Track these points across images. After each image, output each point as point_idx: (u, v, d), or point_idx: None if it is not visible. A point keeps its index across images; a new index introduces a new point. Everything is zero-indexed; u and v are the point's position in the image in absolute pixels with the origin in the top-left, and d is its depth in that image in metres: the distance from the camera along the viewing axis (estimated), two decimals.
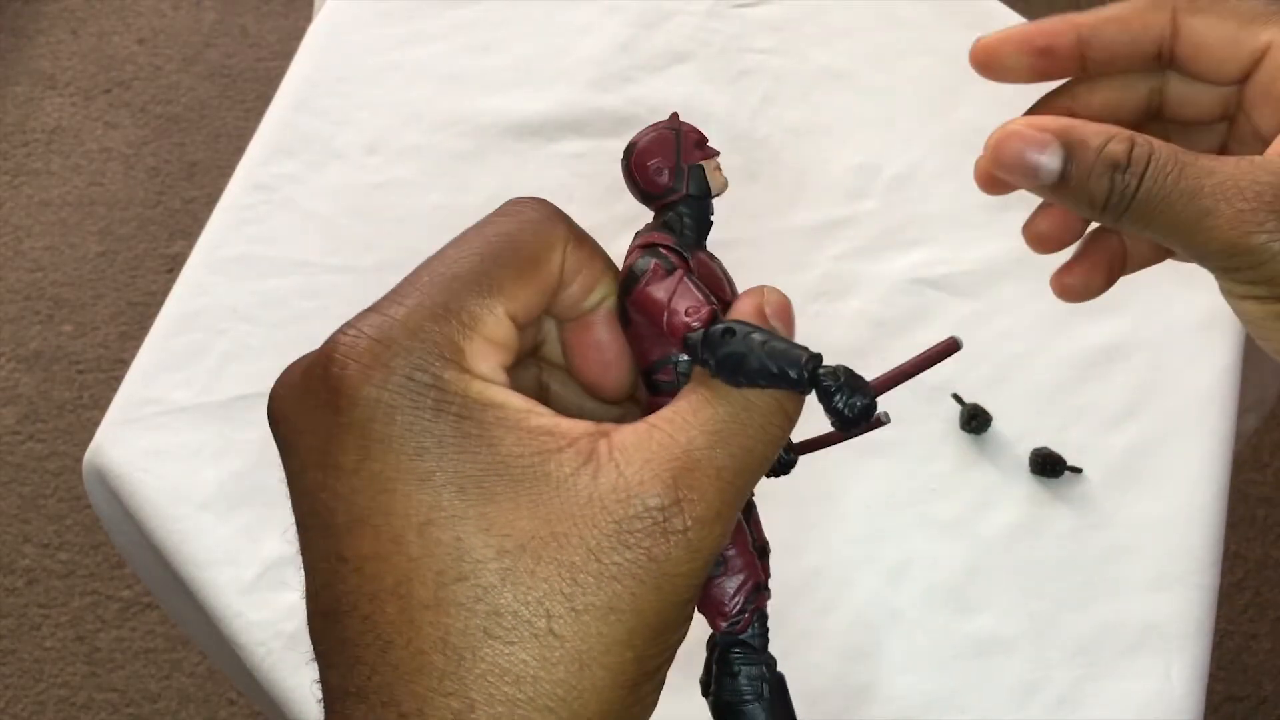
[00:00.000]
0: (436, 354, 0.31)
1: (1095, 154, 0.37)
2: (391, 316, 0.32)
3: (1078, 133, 0.38)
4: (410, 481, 0.30)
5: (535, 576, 0.29)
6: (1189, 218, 0.37)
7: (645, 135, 0.36)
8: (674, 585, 0.30)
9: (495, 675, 0.29)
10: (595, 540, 0.30)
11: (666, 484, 0.30)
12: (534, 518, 0.30)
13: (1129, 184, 0.37)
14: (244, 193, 0.96)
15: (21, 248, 1.80)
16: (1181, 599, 0.80)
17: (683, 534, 0.30)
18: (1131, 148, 0.37)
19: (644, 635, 0.30)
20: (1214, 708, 1.46)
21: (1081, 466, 0.83)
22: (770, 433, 0.32)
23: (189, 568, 0.80)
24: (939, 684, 0.76)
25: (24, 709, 1.48)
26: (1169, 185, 0.37)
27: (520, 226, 0.34)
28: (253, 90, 1.96)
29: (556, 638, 0.29)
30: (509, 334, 0.33)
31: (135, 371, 0.88)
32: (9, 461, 1.63)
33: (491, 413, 0.31)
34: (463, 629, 0.29)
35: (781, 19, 1.06)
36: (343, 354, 0.32)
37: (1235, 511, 0.93)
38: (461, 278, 0.33)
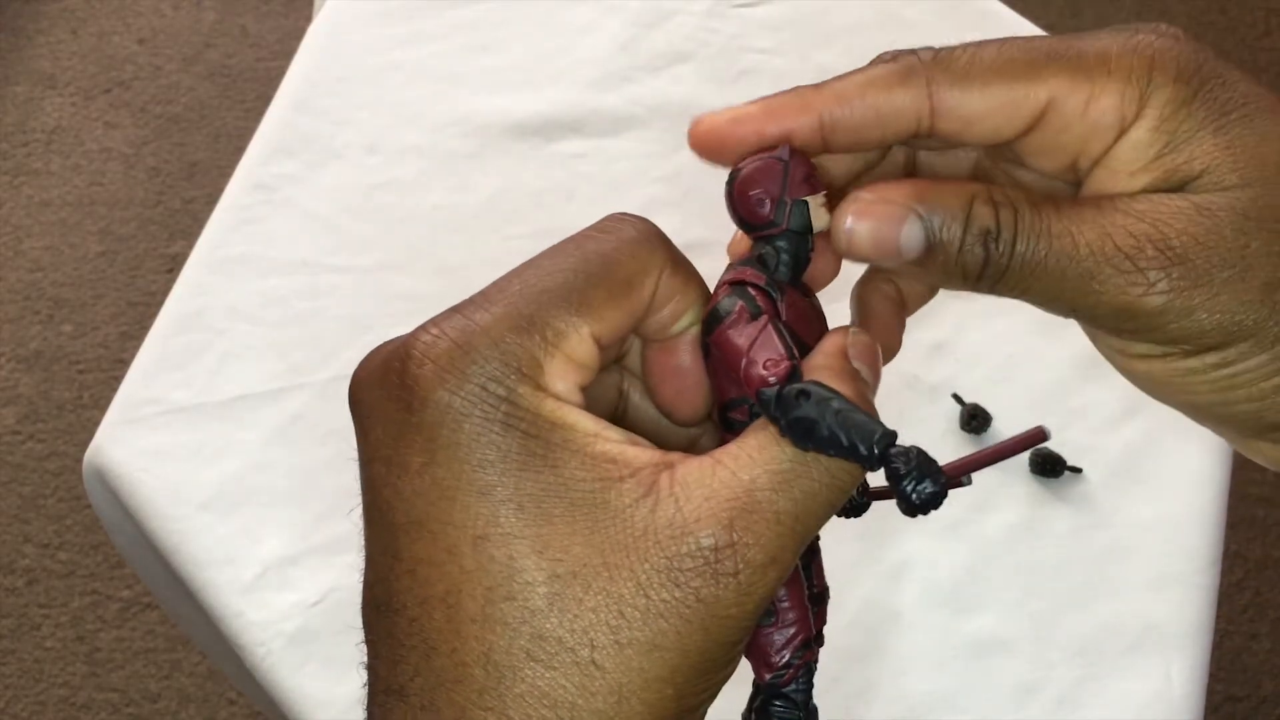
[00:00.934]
0: (514, 367, 0.31)
1: (961, 221, 0.33)
2: (475, 322, 0.31)
3: (933, 198, 0.33)
4: (471, 492, 0.30)
5: (583, 605, 0.29)
6: (1071, 283, 0.33)
7: (752, 162, 0.35)
8: (721, 627, 0.30)
9: (534, 697, 0.29)
10: (645, 575, 0.29)
11: (723, 524, 0.30)
12: (588, 545, 0.30)
13: (1004, 252, 0.33)
14: (244, 193, 0.96)
15: (21, 248, 1.80)
16: (1181, 599, 0.80)
17: (734, 576, 0.29)
18: (997, 210, 0.33)
19: (686, 673, 0.30)
20: (1214, 708, 1.46)
21: (1081, 466, 0.83)
22: (838, 479, 0.31)
23: (189, 568, 0.80)
24: (939, 684, 0.76)
25: (24, 709, 1.48)
26: (1043, 249, 0.33)
27: (619, 246, 0.34)
28: (253, 90, 1.96)
29: (598, 668, 0.29)
30: (591, 354, 0.32)
31: (135, 371, 0.88)
32: (9, 461, 1.63)
33: (560, 434, 0.31)
34: (506, 648, 0.29)
35: (781, 19, 1.06)
36: (421, 352, 0.31)
37: (1235, 511, 0.93)
38: (551, 292, 0.32)
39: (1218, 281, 0.32)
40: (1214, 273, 0.32)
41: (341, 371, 0.87)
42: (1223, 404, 0.34)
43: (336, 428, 0.86)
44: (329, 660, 0.76)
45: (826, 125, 0.35)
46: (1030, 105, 0.34)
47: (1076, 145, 0.34)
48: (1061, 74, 0.33)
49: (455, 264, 0.93)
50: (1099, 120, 0.33)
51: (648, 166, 0.98)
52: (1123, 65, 0.33)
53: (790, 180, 0.34)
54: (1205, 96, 0.33)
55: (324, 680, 0.76)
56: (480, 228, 0.95)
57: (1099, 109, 0.33)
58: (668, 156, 0.98)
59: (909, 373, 0.87)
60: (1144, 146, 0.33)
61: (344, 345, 0.88)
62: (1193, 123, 0.33)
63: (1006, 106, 0.34)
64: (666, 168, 0.98)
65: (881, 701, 0.75)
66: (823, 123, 0.35)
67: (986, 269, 0.33)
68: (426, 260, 0.93)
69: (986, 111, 0.34)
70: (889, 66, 0.35)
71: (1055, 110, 0.34)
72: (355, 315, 0.90)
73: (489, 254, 0.93)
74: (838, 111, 0.35)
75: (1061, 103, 0.33)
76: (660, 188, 0.97)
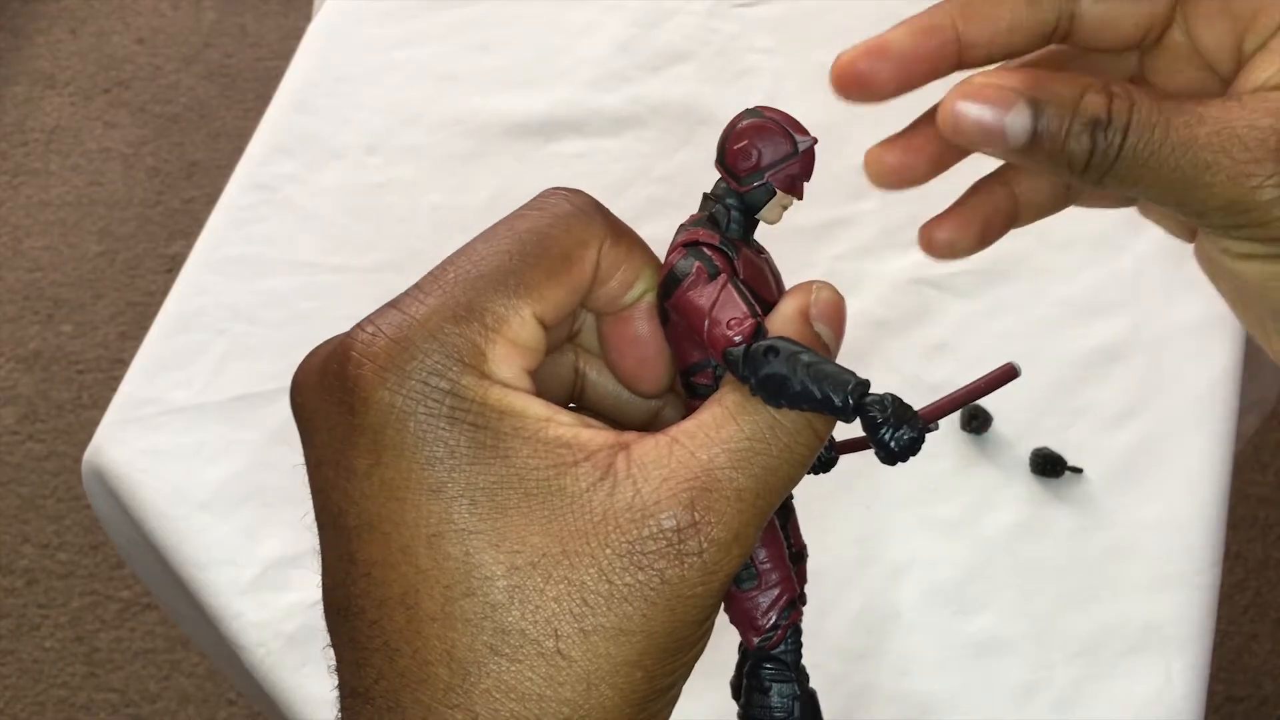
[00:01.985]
0: (456, 358, 0.30)
1: (1070, 110, 0.33)
2: (411, 316, 0.31)
3: (1046, 87, 0.33)
4: (421, 492, 0.29)
5: (544, 595, 0.29)
6: (1184, 174, 0.33)
7: (772, 119, 0.34)
8: (688, 607, 0.29)
9: (500, 692, 0.29)
10: (607, 560, 0.29)
11: (684, 504, 0.29)
12: (546, 534, 0.29)
13: (1112, 142, 0.33)
14: (243, 193, 0.96)
15: (21, 248, 1.80)
16: (1182, 599, 0.79)
17: (698, 556, 0.29)
18: (1110, 100, 0.33)
19: (655, 656, 0.29)
20: (1215, 708, 1.46)
21: (1082, 466, 0.83)
22: (796, 453, 0.31)
23: (188, 568, 0.80)
24: (939, 685, 0.76)
25: (24, 709, 1.48)
26: (1157, 140, 0.33)
27: (553, 222, 0.33)
28: (252, 90, 1.96)
29: (564, 658, 0.29)
30: (535, 336, 0.31)
31: (135, 371, 0.88)
32: (8, 461, 1.62)
33: (509, 422, 0.30)
34: (469, 644, 0.29)
35: (781, 19, 1.06)
36: (359, 352, 0.31)
37: (1236, 512, 0.93)
38: (487, 276, 0.32)
39: None
40: None
41: None
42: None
43: None
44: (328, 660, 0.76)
45: (965, 46, 0.35)
46: None
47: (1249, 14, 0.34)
48: None
49: None
50: (1238, 12, 0.34)
51: (648, 166, 0.98)
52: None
53: (783, 168, 0.33)
54: None
55: (323, 680, 0.76)
56: (480, 228, 0.94)
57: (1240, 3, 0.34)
58: (668, 156, 0.98)
59: (909, 373, 0.87)
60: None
61: None
62: None
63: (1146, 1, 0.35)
64: (666, 168, 0.98)
65: (881, 701, 0.75)
66: (961, 45, 0.35)
67: (1094, 159, 0.33)
68: (426, 260, 0.92)
69: (1128, 4, 0.35)
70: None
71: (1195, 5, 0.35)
72: (355, 315, 0.90)
73: None
74: (972, 33, 0.35)
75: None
76: (660, 188, 0.97)
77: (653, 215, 0.94)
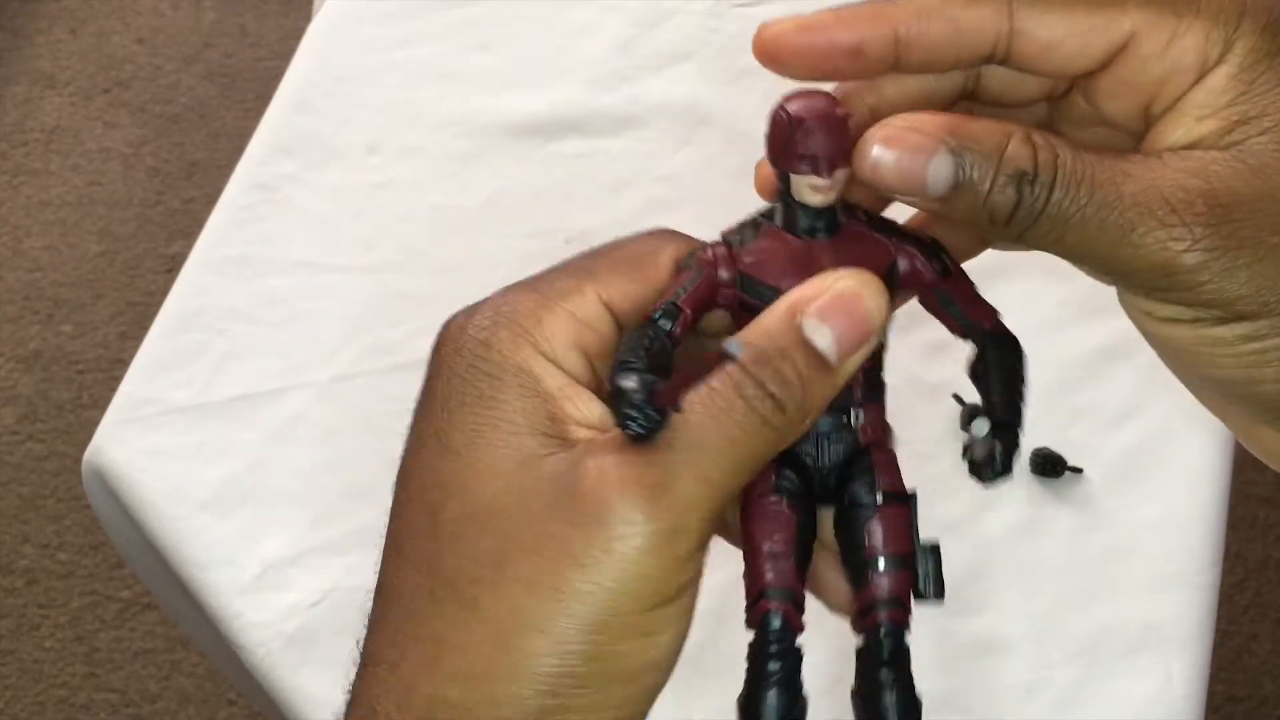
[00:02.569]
0: (504, 317, 0.32)
1: (994, 160, 0.31)
2: (494, 295, 0.34)
3: (969, 132, 0.32)
4: (429, 437, 0.33)
5: (477, 546, 0.31)
6: (1108, 234, 0.31)
7: (778, 104, 0.34)
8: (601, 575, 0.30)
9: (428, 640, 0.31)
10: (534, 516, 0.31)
11: (623, 495, 0.30)
12: (491, 486, 0.31)
13: (1039, 196, 0.31)
14: (243, 193, 0.96)
15: (21, 248, 1.80)
16: (1182, 599, 0.79)
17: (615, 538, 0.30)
18: (1035, 151, 0.31)
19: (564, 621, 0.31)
20: (1215, 708, 1.46)
21: (1082, 466, 0.83)
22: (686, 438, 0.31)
23: (188, 568, 0.80)
24: (939, 685, 0.76)
25: (24, 709, 1.48)
26: (1083, 197, 0.31)
27: (629, 237, 0.35)
28: (252, 90, 1.96)
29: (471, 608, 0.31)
30: (598, 315, 0.33)
31: (134, 371, 0.88)
32: (8, 461, 1.62)
33: (519, 378, 0.32)
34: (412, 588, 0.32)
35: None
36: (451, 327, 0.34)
37: (1236, 512, 0.93)
38: (560, 267, 0.34)
39: (1264, 247, 0.31)
40: (1261, 236, 0.31)
41: (342, 371, 0.87)
42: (1246, 381, 0.33)
43: (336, 428, 0.86)
44: (328, 661, 0.76)
45: (902, 40, 0.33)
46: (1112, 35, 0.32)
47: (1153, 86, 0.33)
48: (1147, 7, 0.32)
49: (455, 264, 0.93)
50: (1180, 60, 0.32)
51: (648, 166, 0.98)
52: (1212, 6, 0.32)
53: (789, 150, 0.33)
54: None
55: (323, 681, 0.76)
56: (480, 228, 0.95)
57: (1181, 48, 0.32)
58: (668, 156, 0.98)
59: (909, 373, 0.87)
60: (1219, 93, 0.32)
61: (344, 345, 0.88)
62: (1271, 76, 0.32)
63: (1088, 34, 0.32)
64: (666, 168, 0.98)
65: None
66: (899, 36, 0.33)
67: (1017, 213, 0.31)
68: (426, 260, 0.93)
69: (1067, 36, 0.33)
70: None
71: (1136, 44, 0.32)
72: (355, 315, 0.90)
73: (489, 254, 0.93)
74: (915, 26, 0.33)
75: (1144, 36, 0.32)
76: (660, 188, 0.97)
77: (653, 215, 0.94)
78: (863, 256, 0.33)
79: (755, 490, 0.33)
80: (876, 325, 0.32)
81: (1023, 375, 0.34)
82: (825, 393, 0.32)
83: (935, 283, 0.35)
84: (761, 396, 0.31)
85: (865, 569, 0.34)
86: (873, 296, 0.32)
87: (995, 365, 0.35)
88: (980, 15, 0.33)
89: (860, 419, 0.34)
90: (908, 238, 0.35)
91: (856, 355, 0.32)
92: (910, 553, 0.34)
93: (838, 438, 0.34)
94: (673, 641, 0.31)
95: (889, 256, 0.34)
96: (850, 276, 0.32)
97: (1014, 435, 0.33)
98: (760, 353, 0.31)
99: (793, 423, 0.31)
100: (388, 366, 0.87)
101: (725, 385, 0.31)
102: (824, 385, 0.32)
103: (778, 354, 0.31)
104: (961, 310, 0.35)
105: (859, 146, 0.32)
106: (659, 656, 0.31)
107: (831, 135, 0.33)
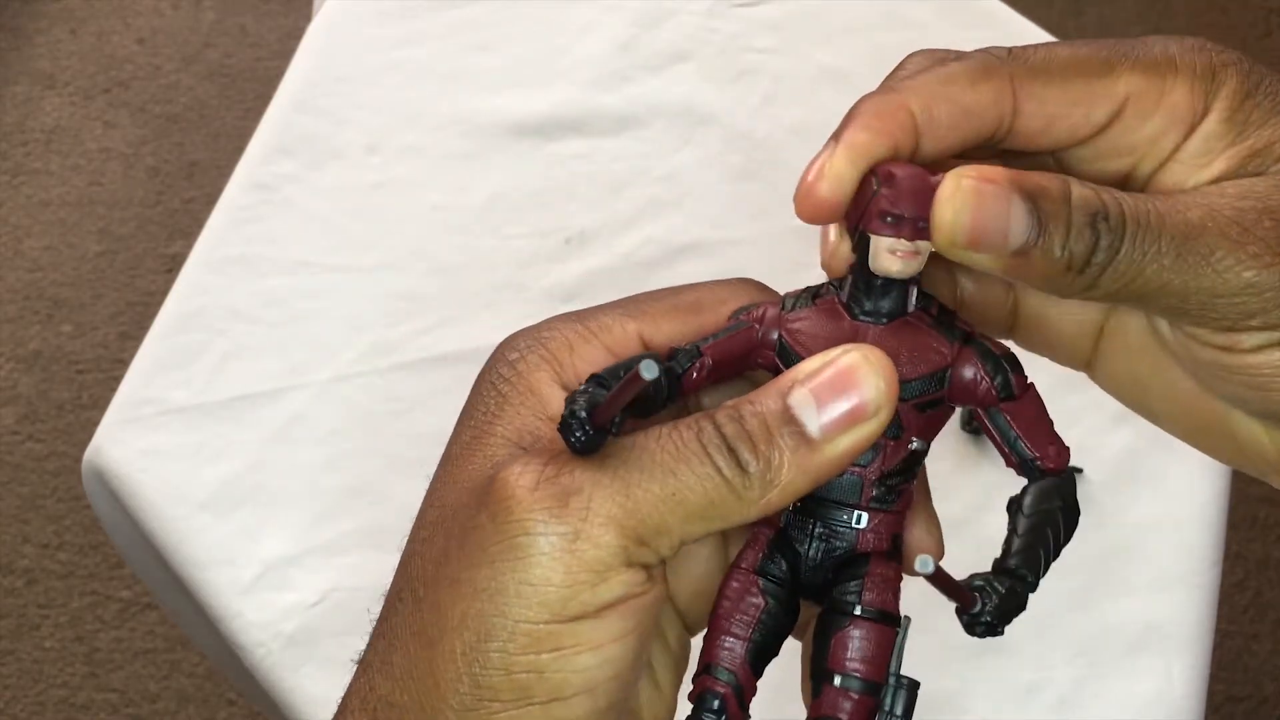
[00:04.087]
0: (537, 341, 0.33)
1: (1066, 205, 0.30)
2: (541, 321, 0.34)
3: (1034, 181, 0.30)
4: (451, 446, 0.33)
5: (431, 546, 0.32)
6: (1188, 264, 0.30)
7: (884, 167, 0.31)
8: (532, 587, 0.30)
9: (386, 637, 0.32)
10: (476, 524, 0.31)
11: (553, 500, 0.30)
12: (461, 493, 0.32)
13: (1116, 233, 0.30)
14: (243, 192, 0.96)
15: (21, 248, 1.80)
16: (1182, 599, 0.79)
17: (564, 549, 0.30)
18: (1099, 193, 0.30)
19: (491, 626, 0.31)
20: (1215, 708, 1.46)
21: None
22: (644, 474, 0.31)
23: (188, 568, 0.80)
24: (940, 685, 0.76)
25: (24, 709, 1.48)
26: (1154, 231, 0.30)
27: (705, 284, 0.35)
28: (252, 90, 1.96)
29: (421, 608, 0.32)
30: (632, 350, 0.33)
31: (134, 371, 0.88)
32: (8, 461, 1.62)
33: (527, 399, 0.32)
34: (396, 590, 0.33)
35: (781, 19, 1.06)
36: (503, 341, 0.35)
37: (1235, 511, 0.93)
38: (615, 302, 0.34)
39: None
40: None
41: (341, 371, 0.87)
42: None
43: (336, 428, 0.86)
44: (328, 661, 0.76)
45: (921, 130, 0.32)
46: (1109, 101, 0.32)
47: (1144, 145, 0.33)
48: (1135, 70, 0.33)
49: (455, 264, 0.93)
50: (1172, 114, 0.33)
51: (648, 166, 0.98)
52: (1188, 63, 0.33)
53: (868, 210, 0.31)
54: (1267, 89, 0.33)
55: (323, 681, 0.76)
56: (480, 228, 0.95)
57: (1171, 103, 0.33)
58: (668, 156, 0.98)
59: None
60: (1215, 138, 0.32)
61: (344, 345, 0.88)
62: (1261, 111, 0.32)
63: (1086, 102, 0.32)
64: (666, 168, 0.98)
65: None
66: (918, 129, 0.32)
67: (1095, 256, 0.30)
68: (426, 260, 0.93)
69: (1068, 106, 0.33)
70: (965, 63, 0.33)
71: (1131, 106, 0.33)
72: (355, 315, 0.90)
73: (489, 254, 0.93)
74: (921, 115, 0.32)
75: (1136, 99, 0.33)
76: (660, 188, 0.97)
77: (653, 215, 0.94)
78: (911, 352, 0.31)
79: (740, 562, 0.32)
80: (871, 407, 0.30)
81: (1060, 530, 0.31)
82: (804, 469, 0.30)
83: (992, 402, 0.32)
84: (721, 446, 0.30)
85: (823, 680, 0.31)
86: (873, 375, 0.30)
87: (1031, 509, 0.32)
88: (985, 95, 0.32)
89: (864, 522, 0.32)
90: (976, 344, 0.32)
91: (847, 436, 0.30)
92: (880, 680, 0.31)
93: (832, 534, 0.32)
94: (599, 668, 0.30)
95: (943, 361, 0.32)
96: (855, 351, 0.30)
97: (1019, 593, 0.30)
98: (735, 406, 0.30)
99: (754, 487, 0.30)
100: (388, 366, 0.87)
101: (686, 424, 0.30)
102: (802, 461, 0.30)
103: (753, 414, 0.30)
104: (1020, 440, 0.33)
105: (935, 201, 0.30)
106: (581, 681, 0.29)
107: (921, 198, 0.30)
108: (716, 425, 0.30)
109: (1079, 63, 0.33)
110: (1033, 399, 0.33)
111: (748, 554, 0.32)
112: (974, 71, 0.32)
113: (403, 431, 0.84)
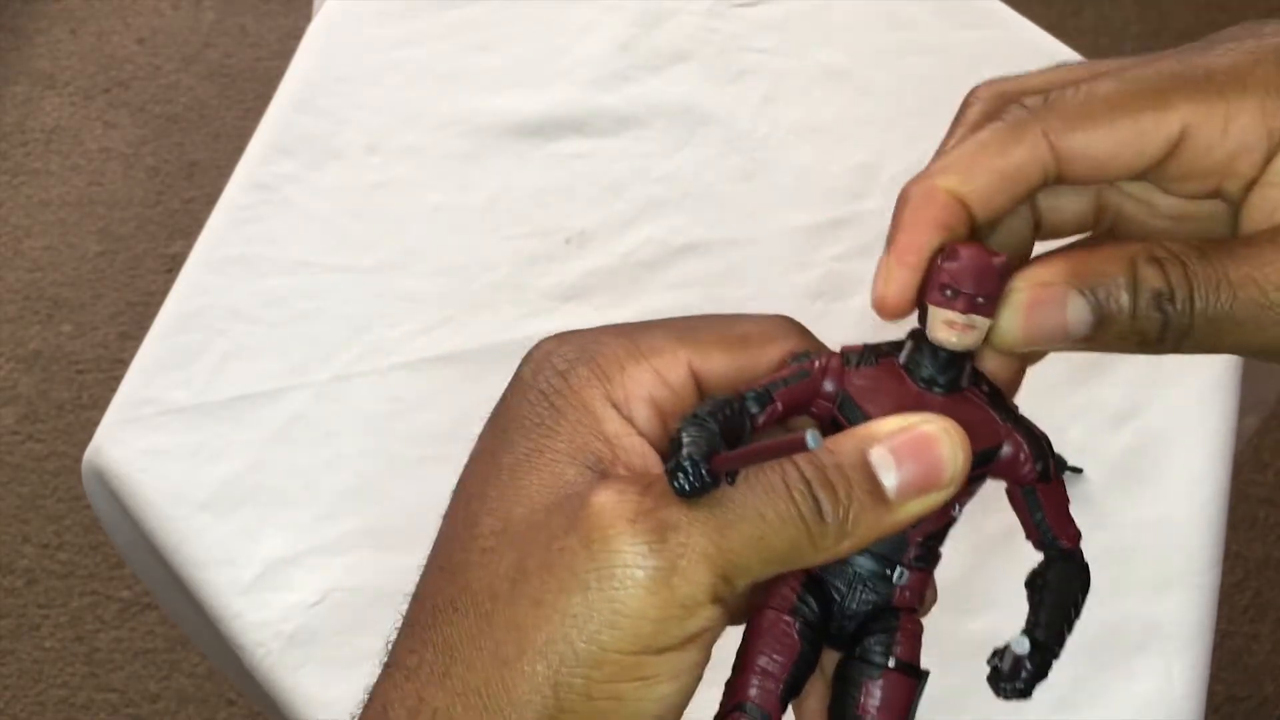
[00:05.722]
0: (587, 355, 0.33)
1: (1128, 287, 0.31)
2: (592, 330, 0.34)
3: (1092, 270, 0.31)
4: (483, 452, 0.33)
5: (501, 560, 0.31)
6: (1265, 324, 0.31)
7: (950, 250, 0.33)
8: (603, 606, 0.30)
9: (442, 646, 0.31)
10: (549, 539, 0.31)
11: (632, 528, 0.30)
12: (528, 506, 0.31)
13: (1183, 310, 0.31)
14: (243, 192, 0.96)
15: (21, 248, 1.80)
16: (1182, 599, 0.79)
17: (631, 573, 0.30)
18: (1164, 268, 0.31)
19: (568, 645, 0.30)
20: (1215, 708, 1.46)
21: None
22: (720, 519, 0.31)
23: (188, 568, 0.80)
24: (939, 684, 0.76)
25: (24, 709, 1.48)
26: (1225, 301, 0.31)
27: (750, 317, 0.35)
28: (252, 90, 1.96)
29: (489, 621, 0.31)
30: (682, 377, 0.33)
31: (134, 371, 0.88)
32: (8, 461, 1.62)
33: (578, 413, 0.32)
34: (444, 597, 0.32)
35: (782, 18, 1.06)
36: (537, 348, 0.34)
37: (1236, 512, 0.93)
38: (665, 324, 0.34)
39: None
40: None
41: (341, 371, 0.87)
42: None
43: (336, 428, 0.86)
44: (328, 661, 0.76)
45: (969, 203, 0.33)
46: (1162, 136, 0.32)
47: (1221, 168, 0.32)
48: (1191, 98, 0.32)
49: (455, 264, 0.93)
50: (1242, 139, 0.32)
51: (648, 166, 0.98)
52: (1259, 78, 0.32)
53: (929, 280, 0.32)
54: None
55: (323, 681, 0.76)
56: (480, 228, 0.95)
57: (1240, 127, 0.32)
58: (668, 156, 0.98)
59: None
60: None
61: (344, 345, 0.88)
62: None
63: (1136, 141, 0.32)
64: (666, 168, 0.98)
65: None
66: (966, 203, 0.33)
67: (1168, 332, 0.31)
68: (426, 260, 0.93)
69: (1117, 149, 0.32)
70: (995, 129, 0.33)
71: (1191, 137, 0.32)
72: (355, 315, 0.90)
73: (489, 254, 0.93)
74: (962, 189, 0.33)
75: (1197, 128, 0.32)
76: (660, 188, 0.97)
77: (653, 215, 0.94)
78: (972, 426, 0.32)
79: (772, 601, 0.33)
80: (946, 478, 0.31)
81: (1079, 606, 0.34)
82: (874, 524, 0.31)
83: (1031, 482, 0.35)
84: (805, 493, 0.30)
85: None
86: (952, 448, 0.31)
87: (1056, 586, 0.35)
88: (1019, 157, 0.33)
89: (903, 578, 0.34)
90: (1022, 426, 0.34)
91: (918, 501, 0.31)
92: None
93: (873, 587, 0.34)
94: (674, 696, 0.30)
95: (996, 440, 0.34)
96: (936, 421, 0.31)
97: (1047, 662, 0.34)
98: (820, 455, 0.31)
99: (829, 535, 0.31)
100: (388, 366, 0.87)
101: (771, 469, 0.31)
102: (875, 517, 0.31)
103: (835, 465, 0.31)
104: (1046, 520, 0.35)
105: (999, 324, 0.32)
106: (655, 709, 0.30)
107: (980, 275, 0.32)
108: (801, 469, 0.31)
109: (1125, 99, 0.32)
110: (1061, 484, 0.35)
111: (776, 594, 0.33)
112: (1004, 136, 0.33)
113: (403, 431, 0.84)
